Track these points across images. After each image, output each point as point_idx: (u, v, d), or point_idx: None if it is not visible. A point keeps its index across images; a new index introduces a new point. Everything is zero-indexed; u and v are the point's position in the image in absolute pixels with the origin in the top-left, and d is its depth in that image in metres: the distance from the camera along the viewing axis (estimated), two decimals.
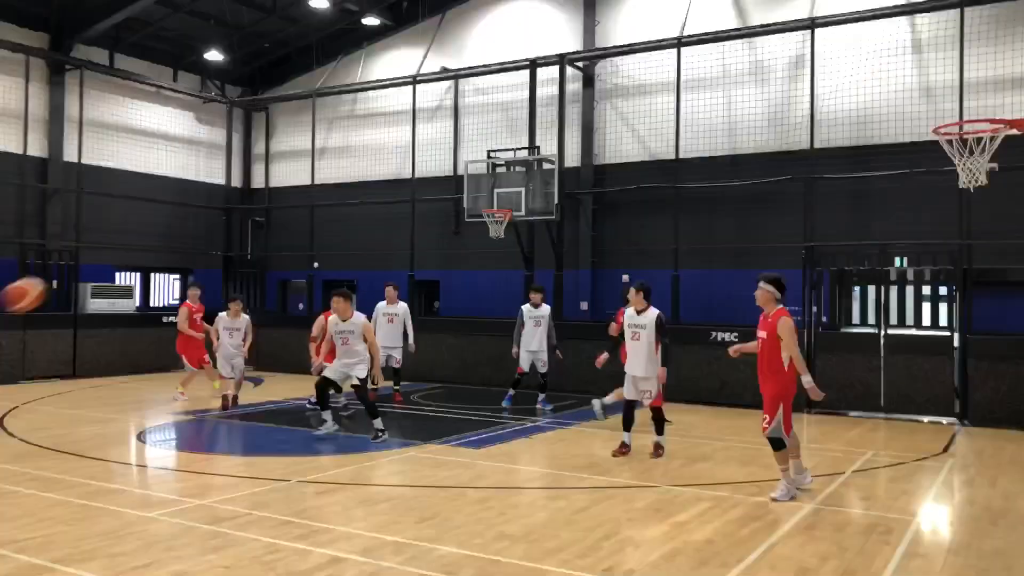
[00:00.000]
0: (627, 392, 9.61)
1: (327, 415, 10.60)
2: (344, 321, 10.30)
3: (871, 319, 14.89)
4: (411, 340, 13.84)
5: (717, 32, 15.51)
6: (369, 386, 10.55)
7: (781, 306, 7.69)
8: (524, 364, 13.01)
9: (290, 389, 15.69)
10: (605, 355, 10.20)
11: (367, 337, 10.38)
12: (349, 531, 6.36)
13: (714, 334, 13.87)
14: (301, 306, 20.85)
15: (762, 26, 15.22)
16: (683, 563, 5.75)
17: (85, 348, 17.14)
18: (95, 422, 11.65)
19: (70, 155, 18.06)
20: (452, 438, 10.62)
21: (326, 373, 10.54)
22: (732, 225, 15.78)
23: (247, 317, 13.24)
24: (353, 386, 10.43)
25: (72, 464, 8.74)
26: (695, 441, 10.64)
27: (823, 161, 14.55)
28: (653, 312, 9.52)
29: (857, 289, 15.79)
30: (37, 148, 17.70)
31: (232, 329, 12.96)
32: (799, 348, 7.67)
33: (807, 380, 7.43)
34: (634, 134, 16.95)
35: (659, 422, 9.60)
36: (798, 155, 14.81)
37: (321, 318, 11.93)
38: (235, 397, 12.95)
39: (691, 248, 15.59)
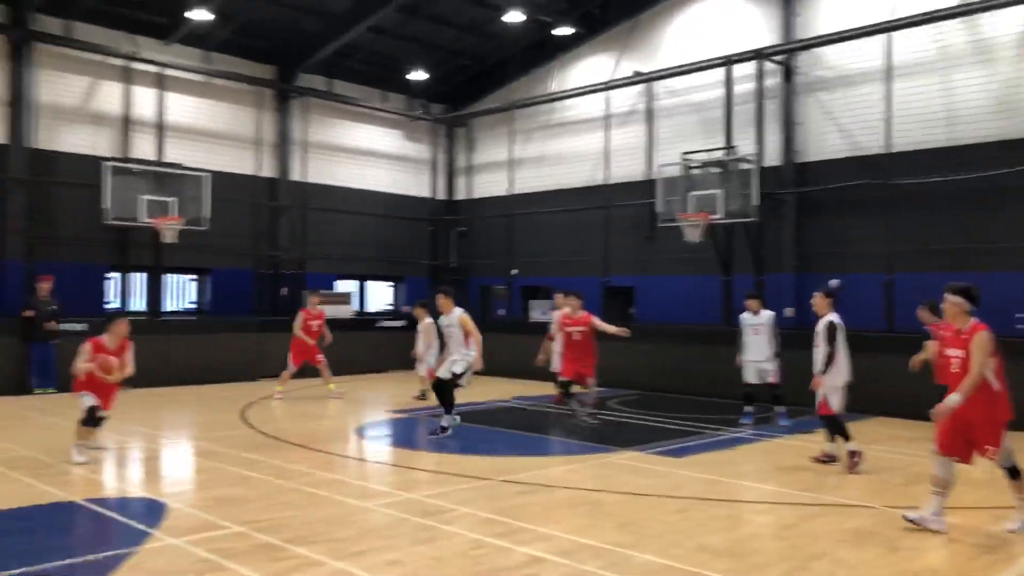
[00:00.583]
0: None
1: (447, 418, 11.08)
2: (446, 316, 11.08)
3: None
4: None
5: (931, 12, 14.29)
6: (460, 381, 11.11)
7: (975, 319, 6.73)
8: (749, 376, 12.37)
9: (492, 391, 16.24)
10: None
11: (467, 329, 10.96)
12: (549, 532, 6.52)
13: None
14: (501, 311, 21.55)
15: (984, 1, 13.84)
16: None
17: None
18: (318, 417, 12.73)
19: (296, 175, 19.88)
20: (650, 446, 10.57)
21: (437, 373, 11.22)
22: (953, 224, 14.45)
23: (430, 320, 14.12)
24: (442, 378, 11.02)
25: (300, 455, 9.60)
26: (915, 459, 9.90)
27: None
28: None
29: None
30: (268, 169, 19.63)
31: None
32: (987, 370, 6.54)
33: (955, 399, 6.44)
34: (840, 128, 16.02)
35: (831, 430, 9.25)
36: None
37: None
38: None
39: (906, 250, 14.50)
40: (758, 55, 16.26)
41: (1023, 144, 13.58)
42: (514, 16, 18.62)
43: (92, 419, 9.23)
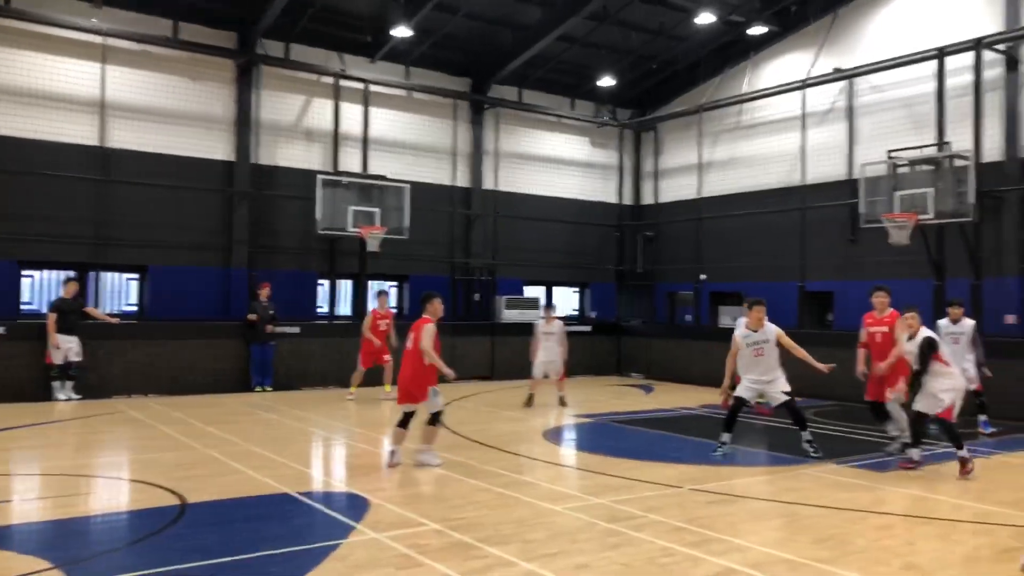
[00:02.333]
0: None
1: (726, 437, 10.18)
2: (756, 332, 10.09)
3: None
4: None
5: None
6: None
7: None
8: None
9: (679, 398, 16.04)
10: None
11: (784, 344, 10.04)
12: (741, 543, 6.38)
13: None
14: (688, 317, 21.19)
15: None
16: None
17: (500, 353, 19.33)
18: (509, 420, 13.11)
19: (488, 183, 20.60)
20: (851, 459, 10.02)
21: (738, 392, 10.18)
22: None
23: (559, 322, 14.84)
24: (785, 404, 10.06)
25: (492, 456, 9.95)
26: None
27: None
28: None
29: None
30: (462, 179, 20.47)
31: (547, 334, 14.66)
32: None
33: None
34: None
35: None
36: None
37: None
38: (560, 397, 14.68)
39: None
40: (977, 44, 14.98)
41: None
42: (705, 18, 18.26)
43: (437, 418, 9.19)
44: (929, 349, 9.06)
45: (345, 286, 19.07)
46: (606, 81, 21.14)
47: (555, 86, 21.81)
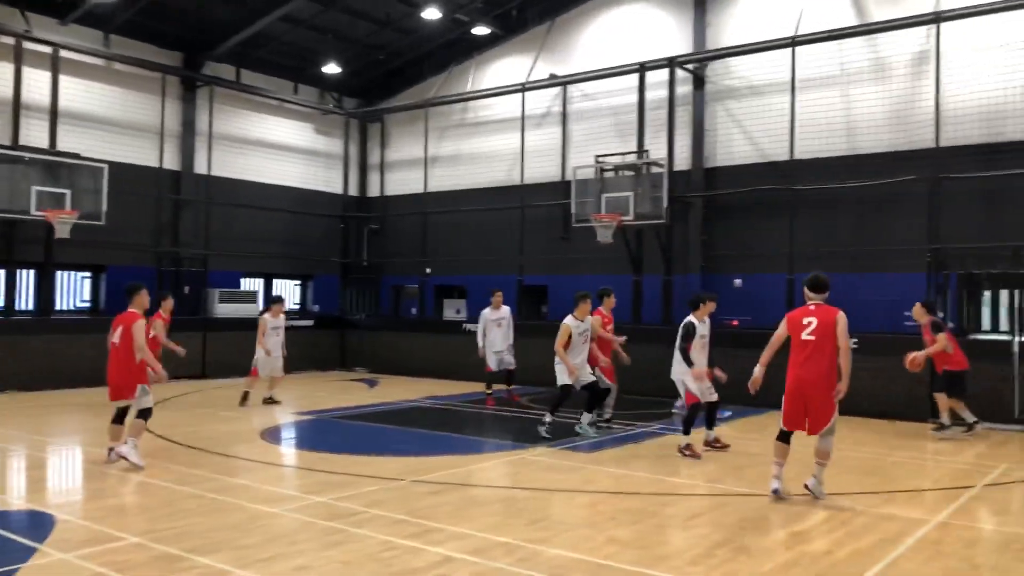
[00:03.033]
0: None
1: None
2: (582, 322, 11.04)
3: (1003, 325, 14.00)
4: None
5: (834, 30, 15.00)
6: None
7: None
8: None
9: (403, 391, 16.09)
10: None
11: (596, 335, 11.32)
12: (461, 531, 6.48)
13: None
14: (414, 310, 21.38)
15: (883, 23, 14.62)
16: (799, 574, 5.59)
17: (212, 350, 18.11)
18: (223, 420, 12.31)
19: (200, 167, 19.19)
20: (562, 442, 10.65)
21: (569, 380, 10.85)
22: (851, 228, 15.20)
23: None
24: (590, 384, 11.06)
25: (203, 459, 9.26)
26: (810, 450, 10.28)
27: (950, 160, 13.84)
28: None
29: (988, 293, 14.88)
30: (171, 161, 18.87)
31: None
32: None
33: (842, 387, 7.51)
34: (746, 135, 16.56)
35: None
36: (922, 154, 14.15)
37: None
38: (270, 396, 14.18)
39: (807, 252, 15.11)
40: (671, 63, 16.65)
41: (914, 155, 14.34)
42: (431, 13, 18.49)
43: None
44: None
45: (27, 277, 16.81)
46: (332, 68, 20.66)
47: (278, 68, 20.89)
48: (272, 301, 14.66)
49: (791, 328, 7.66)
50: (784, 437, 7.63)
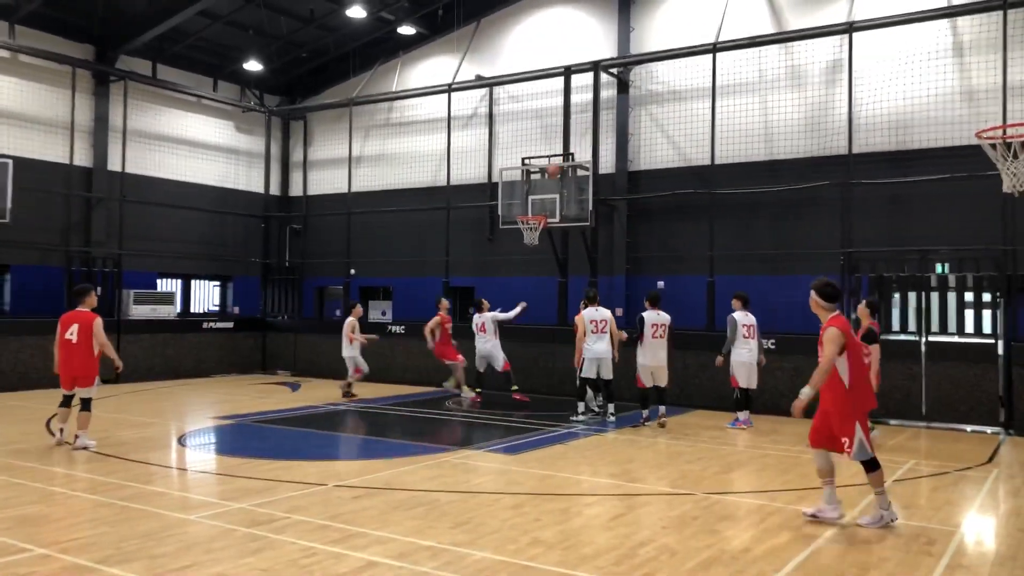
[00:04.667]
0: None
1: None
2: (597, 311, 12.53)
3: (911, 326, 14.62)
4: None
5: (753, 37, 15.41)
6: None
7: (835, 314, 7.00)
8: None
9: (326, 394, 15.83)
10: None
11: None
12: (384, 535, 6.40)
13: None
14: (338, 312, 21.05)
15: (799, 31, 15.09)
16: (719, 571, 5.70)
17: (128, 353, 17.42)
18: (137, 426, 11.88)
19: (114, 164, 18.48)
20: (485, 444, 10.64)
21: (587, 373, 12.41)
22: (768, 231, 15.64)
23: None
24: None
25: (114, 466, 8.91)
26: (731, 449, 10.55)
27: (861, 166, 14.37)
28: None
29: (897, 296, 15.52)
30: (83, 158, 18.12)
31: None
32: (837, 363, 6.76)
33: (807, 391, 6.72)
34: (669, 140, 16.87)
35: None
36: (836, 160, 14.64)
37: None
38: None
39: (727, 254, 15.49)
40: (595, 67, 16.82)
41: (828, 161, 14.84)
42: (356, 11, 18.26)
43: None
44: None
45: None
46: (253, 64, 20.19)
47: (196, 64, 20.30)
48: (351, 305, 16.58)
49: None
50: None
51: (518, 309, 15.42)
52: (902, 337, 14.19)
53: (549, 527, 6.73)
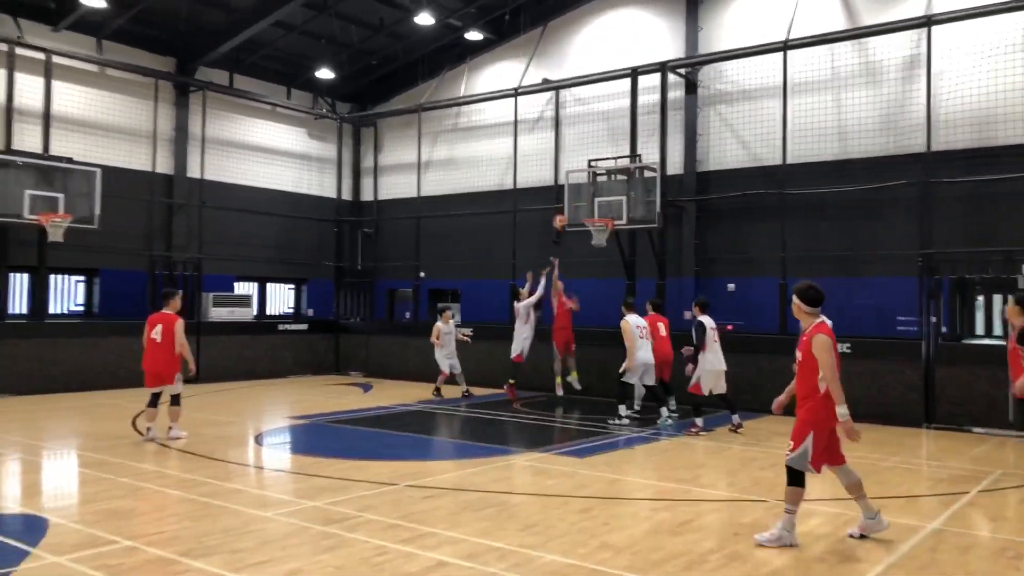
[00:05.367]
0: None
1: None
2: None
3: (997, 330, 14.07)
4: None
5: (825, 34, 15.06)
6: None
7: (820, 320, 6.62)
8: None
9: (397, 395, 16.08)
10: None
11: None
12: (454, 536, 6.48)
13: None
14: (408, 314, 21.36)
15: (874, 26, 14.68)
16: None
17: (207, 354, 18.08)
18: (216, 424, 12.29)
19: (193, 171, 19.17)
20: (555, 447, 10.66)
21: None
22: (842, 232, 15.23)
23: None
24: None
25: (196, 464, 9.25)
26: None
27: (941, 164, 13.90)
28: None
29: (980, 298, 14.96)
30: (164, 165, 18.84)
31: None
32: (837, 371, 6.41)
33: (842, 411, 6.31)
34: (738, 140, 16.61)
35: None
36: (913, 159, 14.20)
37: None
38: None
39: (798, 256, 15.16)
40: (663, 67, 16.68)
41: (905, 159, 14.40)
42: (424, 19, 18.52)
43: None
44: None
45: (20, 280, 16.75)
46: (324, 73, 20.66)
47: (271, 74, 20.89)
48: (441, 310, 16.87)
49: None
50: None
51: (541, 282, 15.88)
52: (985, 341, 13.68)
53: (617, 531, 6.72)
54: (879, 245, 14.70)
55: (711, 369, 11.92)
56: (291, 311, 22.22)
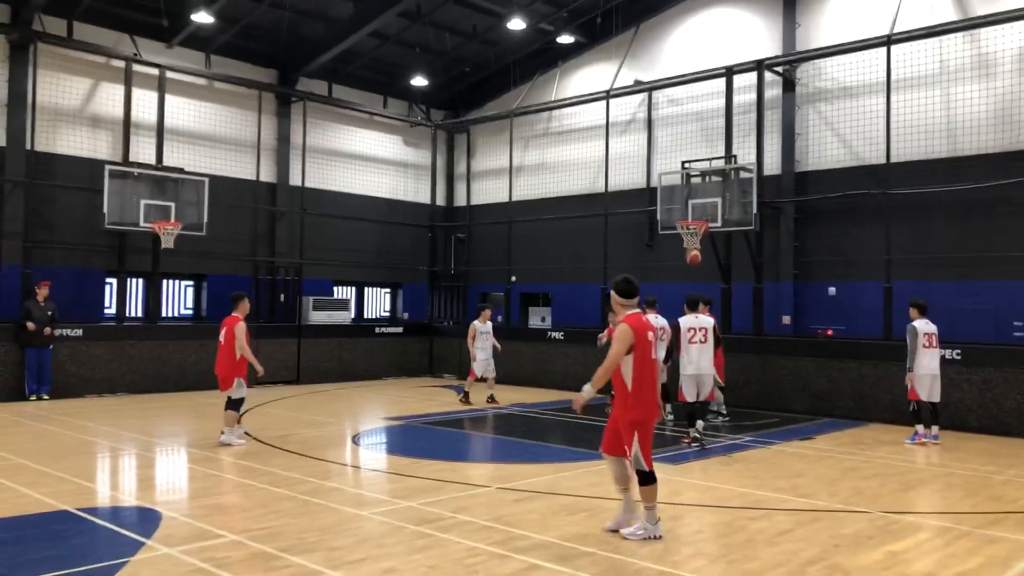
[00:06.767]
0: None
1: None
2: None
3: None
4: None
5: (933, 26, 14.41)
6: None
7: (632, 312, 6.62)
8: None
9: (487, 397, 16.20)
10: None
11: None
12: (546, 539, 6.50)
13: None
14: (500, 318, 21.52)
15: (986, 16, 13.95)
16: None
17: (306, 356, 18.70)
18: (315, 425, 12.69)
19: (294, 179, 19.88)
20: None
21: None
22: (952, 233, 14.52)
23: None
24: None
25: (296, 462, 9.57)
26: (910, 465, 9.90)
27: None
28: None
29: None
30: (267, 174, 19.61)
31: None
32: (623, 363, 6.40)
33: (586, 388, 6.42)
34: (839, 138, 16.06)
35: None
36: None
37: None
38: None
39: (903, 258, 14.53)
40: (759, 66, 16.30)
41: (1020, 156, 13.62)
42: (516, 24, 18.65)
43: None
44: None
45: (136, 285, 17.72)
46: (419, 81, 21.08)
47: (367, 83, 21.44)
48: (480, 309, 16.39)
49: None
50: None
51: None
52: None
53: (712, 540, 6.60)
54: (993, 246, 13.94)
55: (693, 374, 11.20)
56: (387, 315, 22.73)
